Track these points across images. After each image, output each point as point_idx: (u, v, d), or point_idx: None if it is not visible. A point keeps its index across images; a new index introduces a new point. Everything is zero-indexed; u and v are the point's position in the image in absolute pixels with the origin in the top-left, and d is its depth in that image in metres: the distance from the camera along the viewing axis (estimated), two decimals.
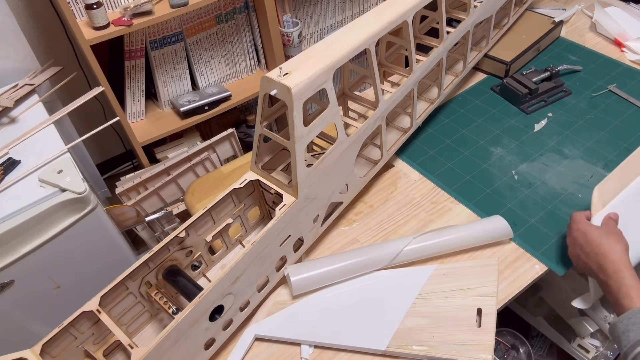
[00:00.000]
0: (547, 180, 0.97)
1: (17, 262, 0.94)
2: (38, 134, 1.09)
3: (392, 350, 0.71)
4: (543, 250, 0.85)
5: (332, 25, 1.86)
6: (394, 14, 0.82)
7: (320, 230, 0.86)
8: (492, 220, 0.86)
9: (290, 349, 0.75)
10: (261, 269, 0.74)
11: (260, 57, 1.77)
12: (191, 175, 1.50)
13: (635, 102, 1.11)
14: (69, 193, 0.95)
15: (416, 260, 0.84)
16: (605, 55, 1.26)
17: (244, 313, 0.76)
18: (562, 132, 1.07)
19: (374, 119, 0.86)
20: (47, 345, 0.62)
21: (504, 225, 0.85)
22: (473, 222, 0.87)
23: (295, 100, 0.66)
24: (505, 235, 0.85)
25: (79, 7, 1.34)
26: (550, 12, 1.37)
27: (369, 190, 0.98)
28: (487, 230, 0.85)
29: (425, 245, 0.83)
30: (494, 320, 0.73)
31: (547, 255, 0.84)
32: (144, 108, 1.61)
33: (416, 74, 0.93)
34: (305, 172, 0.74)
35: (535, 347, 1.29)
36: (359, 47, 0.76)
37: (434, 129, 1.11)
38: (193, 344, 0.67)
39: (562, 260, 0.84)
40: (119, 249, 1.15)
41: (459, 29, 1.02)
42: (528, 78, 1.15)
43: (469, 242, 0.84)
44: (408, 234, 0.87)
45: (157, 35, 1.49)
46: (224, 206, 0.80)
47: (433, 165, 1.02)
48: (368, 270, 0.82)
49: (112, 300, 0.69)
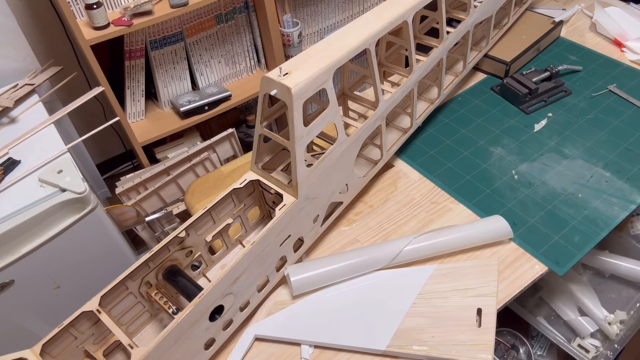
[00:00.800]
0: (547, 180, 0.97)
1: (17, 262, 0.94)
2: (38, 134, 1.09)
3: (392, 350, 0.71)
4: (543, 250, 0.85)
5: (332, 25, 1.86)
6: (394, 14, 0.82)
7: (320, 230, 0.86)
8: (492, 220, 0.86)
9: (290, 349, 0.75)
10: (261, 269, 0.74)
11: (260, 57, 1.77)
12: (191, 175, 1.50)
13: (635, 102, 1.11)
14: (69, 193, 0.95)
15: (416, 260, 0.84)
16: (605, 55, 1.26)
17: (244, 313, 0.76)
18: (562, 132, 1.07)
19: (374, 119, 0.86)
20: (47, 345, 0.62)
21: (503, 225, 0.85)
22: (473, 222, 0.87)
23: (295, 100, 0.66)
24: (505, 235, 0.85)
25: (79, 7, 1.34)
26: (550, 12, 1.37)
27: (369, 190, 0.98)
28: (487, 230, 0.85)
29: (425, 245, 0.83)
30: (494, 320, 0.73)
31: (547, 255, 0.84)
32: (144, 108, 1.61)
33: (416, 74, 0.93)
34: (305, 172, 0.74)
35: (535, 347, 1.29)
36: (359, 47, 0.76)
37: (434, 129, 1.11)
38: (193, 344, 0.67)
39: (562, 260, 0.84)
40: (119, 249, 1.15)
41: (459, 29, 1.02)
42: (528, 78, 1.15)
43: (469, 242, 0.84)
44: (408, 234, 0.87)
45: (157, 35, 1.49)
46: (224, 206, 0.80)
47: (433, 165, 1.02)
48: (368, 270, 0.82)
49: (112, 300, 0.69)
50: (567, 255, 0.84)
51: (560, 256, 0.84)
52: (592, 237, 0.87)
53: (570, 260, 0.83)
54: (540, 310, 1.18)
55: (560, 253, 0.85)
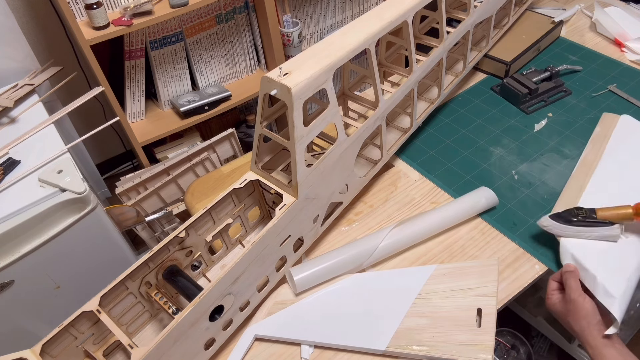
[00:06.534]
0: (547, 180, 0.97)
1: (17, 262, 0.93)
2: (38, 134, 1.09)
3: (392, 350, 0.71)
4: (543, 250, 0.85)
5: (332, 25, 1.86)
6: (394, 14, 0.82)
7: (320, 230, 0.86)
8: (476, 191, 0.91)
9: (290, 349, 0.75)
10: (261, 269, 0.74)
11: (260, 57, 1.77)
12: (191, 175, 1.50)
13: (635, 102, 1.11)
14: (69, 193, 0.95)
15: (415, 244, 0.86)
16: (605, 55, 1.26)
17: (244, 313, 0.76)
18: (562, 132, 1.07)
19: (374, 119, 0.86)
20: (47, 345, 0.62)
21: (487, 194, 0.90)
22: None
23: (295, 100, 0.66)
24: (491, 202, 0.90)
25: (79, 7, 1.34)
26: (550, 12, 1.37)
27: (369, 190, 0.98)
28: (472, 198, 0.90)
29: (419, 222, 0.86)
30: (494, 320, 0.73)
31: (547, 255, 0.84)
32: (144, 108, 1.61)
33: (416, 74, 0.93)
34: (305, 172, 0.74)
35: (535, 347, 1.29)
36: (359, 47, 0.76)
37: (434, 129, 1.11)
38: (193, 344, 0.67)
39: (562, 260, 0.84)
40: (119, 249, 1.14)
41: (459, 29, 1.02)
42: (528, 78, 1.15)
43: (461, 209, 0.88)
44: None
45: (157, 35, 1.49)
46: (224, 206, 0.80)
47: (433, 165, 1.02)
48: (368, 260, 0.82)
49: (112, 300, 0.69)
50: (566, 255, 0.84)
51: (560, 256, 0.84)
52: None
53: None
54: (540, 310, 1.18)
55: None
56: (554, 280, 0.77)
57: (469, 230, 0.89)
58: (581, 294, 0.71)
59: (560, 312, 0.73)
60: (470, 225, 0.90)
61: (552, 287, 0.77)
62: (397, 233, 0.84)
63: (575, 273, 0.74)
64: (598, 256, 0.75)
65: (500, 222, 0.90)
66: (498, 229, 0.89)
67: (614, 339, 0.67)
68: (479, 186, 0.92)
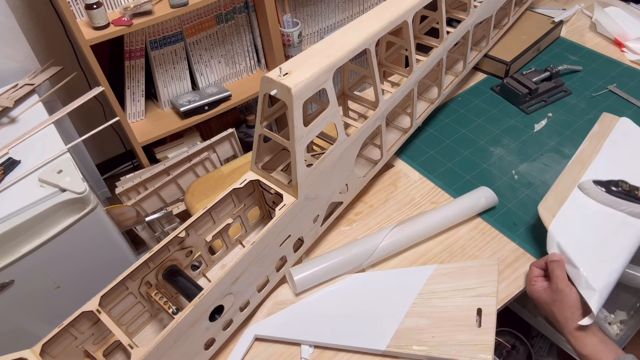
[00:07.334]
0: (547, 180, 0.97)
1: (17, 262, 0.94)
2: (38, 134, 1.09)
3: (392, 350, 0.71)
4: (543, 250, 0.85)
5: (332, 25, 1.86)
6: (394, 14, 0.82)
7: (320, 230, 0.86)
8: (476, 190, 0.91)
9: (290, 349, 0.75)
10: (261, 269, 0.74)
11: (260, 57, 1.77)
12: (191, 175, 1.50)
13: (635, 102, 1.11)
14: (69, 193, 0.95)
15: (418, 244, 0.86)
16: (605, 55, 1.26)
17: (244, 313, 0.76)
18: (562, 132, 1.07)
19: (374, 119, 0.86)
20: (47, 345, 0.62)
21: (487, 194, 0.89)
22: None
23: (295, 100, 0.66)
24: (491, 202, 0.90)
25: (79, 7, 1.34)
26: (550, 12, 1.37)
27: (369, 190, 0.98)
28: (472, 198, 0.90)
29: (418, 222, 0.86)
30: (494, 320, 0.73)
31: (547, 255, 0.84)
32: (144, 108, 1.61)
33: (416, 74, 0.93)
34: (305, 172, 0.74)
35: (535, 347, 1.29)
36: (359, 47, 0.75)
37: (434, 129, 1.11)
38: (193, 344, 0.67)
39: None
40: (119, 249, 1.15)
41: (459, 29, 1.02)
42: (528, 78, 1.15)
43: (461, 209, 0.88)
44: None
45: (157, 35, 1.49)
46: (224, 206, 0.80)
47: (433, 165, 1.02)
48: (368, 260, 0.82)
49: (112, 300, 0.69)
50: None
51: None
52: None
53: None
54: (540, 311, 1.18)
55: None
56: (536, 267, 0.78)
57: (469, 230, 0.89)
58: (568, 285, 0.72)
59: (544, 300, 0.74)
60: (470, 225, 0.90)
61: (535, 273, 0.77)
62: (397, 233, 0.84)
63: (562, 263, 0.74)
64: (584, 248, 0.75)
65: (500, 222, 0.90)
66: (498, 229, 0.89)
67: (593, 328, 0.69)
68: (479, 186, 0.92)
